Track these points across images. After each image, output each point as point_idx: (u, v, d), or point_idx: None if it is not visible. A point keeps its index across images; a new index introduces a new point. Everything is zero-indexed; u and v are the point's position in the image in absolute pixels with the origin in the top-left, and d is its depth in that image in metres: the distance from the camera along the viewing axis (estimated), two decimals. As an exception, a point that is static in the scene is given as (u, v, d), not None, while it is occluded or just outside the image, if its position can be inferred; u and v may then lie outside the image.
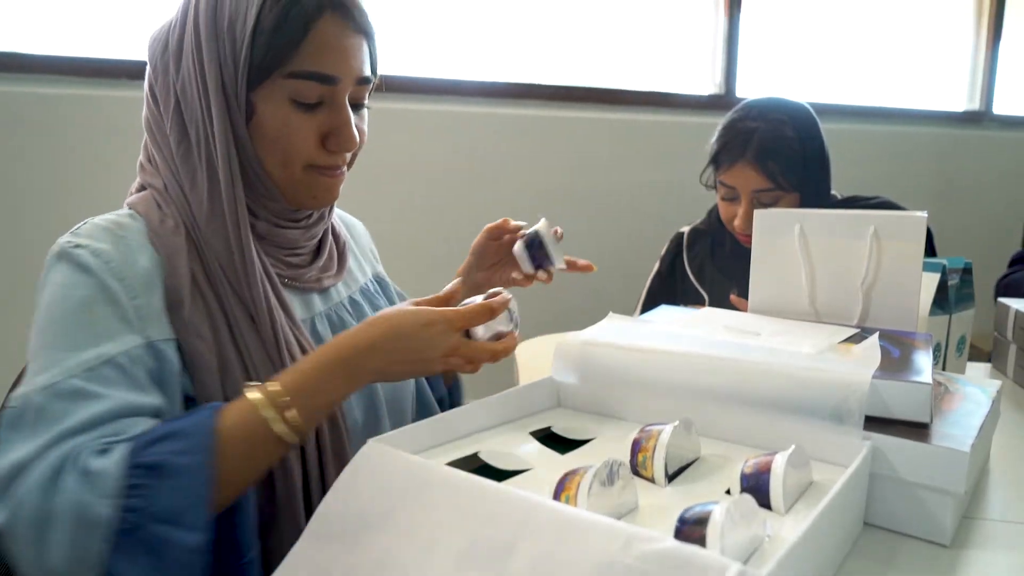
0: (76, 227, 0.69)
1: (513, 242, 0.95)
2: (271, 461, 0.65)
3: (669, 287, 1.48)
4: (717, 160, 1.30)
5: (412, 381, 0.91)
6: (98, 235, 0.68)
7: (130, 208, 0.73)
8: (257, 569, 0.64)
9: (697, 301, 1.39)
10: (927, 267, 0.99)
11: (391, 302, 0.95)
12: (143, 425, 0.60)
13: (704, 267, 1.43)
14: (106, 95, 1.87)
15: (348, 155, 0.77)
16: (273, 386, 0.62)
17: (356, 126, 0.74)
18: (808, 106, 1.31)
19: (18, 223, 1.84)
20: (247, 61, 0.68)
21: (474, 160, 2.31)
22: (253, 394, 0.61)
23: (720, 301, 1.32)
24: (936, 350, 0.99)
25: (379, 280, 0.97)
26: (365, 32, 0.73)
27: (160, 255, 0.69)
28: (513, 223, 0.98)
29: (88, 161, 1.86)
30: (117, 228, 0.69)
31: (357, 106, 0.76)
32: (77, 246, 0.66)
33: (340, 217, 0.96)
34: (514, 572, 0.44)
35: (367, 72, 0.74)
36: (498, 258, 0.98)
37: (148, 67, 0.73)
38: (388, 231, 1.02)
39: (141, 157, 0.76)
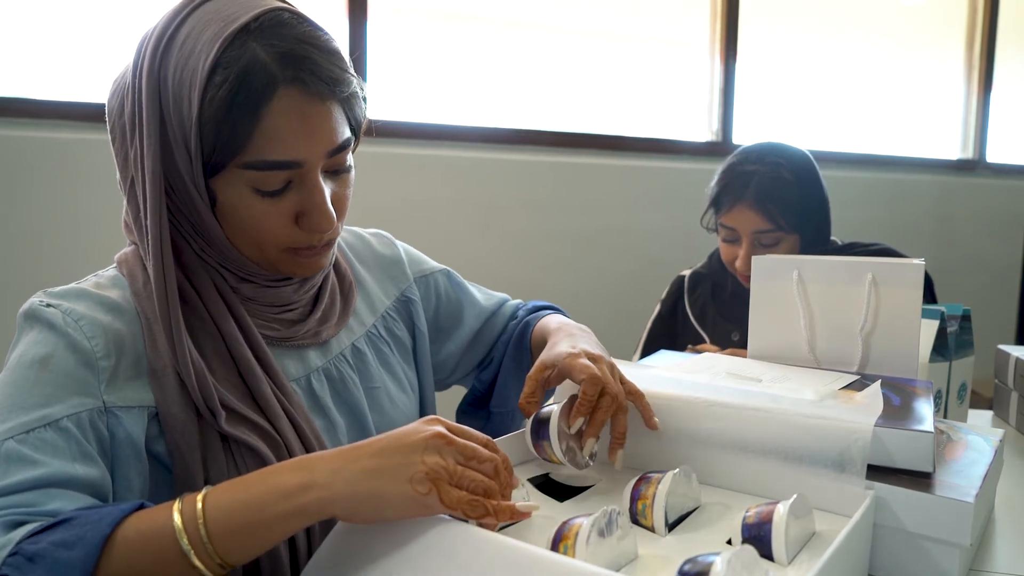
0: (54, 289, 0.66)
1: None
2: None
3: (670, 330, 1.49)
4: (718, 203, 1.32)
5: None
6: (73, 296, 0.64)
7: (117, 266, 0.69)
8: None
9: (695, 341, 1.40)
10: (926, 314, 0.99)
11: (414, 328, 0.87)
12: (70, 499, 0.55)
13: (706, 310, 1.44)
14: (77, 139, 1.86)
15: (329, 233, 0.68)
16: (199, 507, 0.52)
17: (335, 196, 0.67)
18: (806, 152, 1.34)
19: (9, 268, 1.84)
20: (199, 149, 0.61)
21: (477, 204, 2.33)
22: (176, 516, 0.52)
23: (722, 343, 1.34)
24: (937, 397, 0.99)
25: (402, 301, 0.87)
26: (333, 96, 0.64)
27: (141, 320, 0.64)
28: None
29: (58, 209, 1.86)
30: (97, 290, 0.65)
31: (338, 172, 0.68)
32: (48, 305, 0.62)
33: (353, 237, 0.88)
34: None
35: (341, 139, 0.65)
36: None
37: (107, 123, 0.67)
38: None
39: (123, 215, 0.70)
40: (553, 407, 0.67)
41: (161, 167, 0.63)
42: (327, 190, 0.66)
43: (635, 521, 0.59)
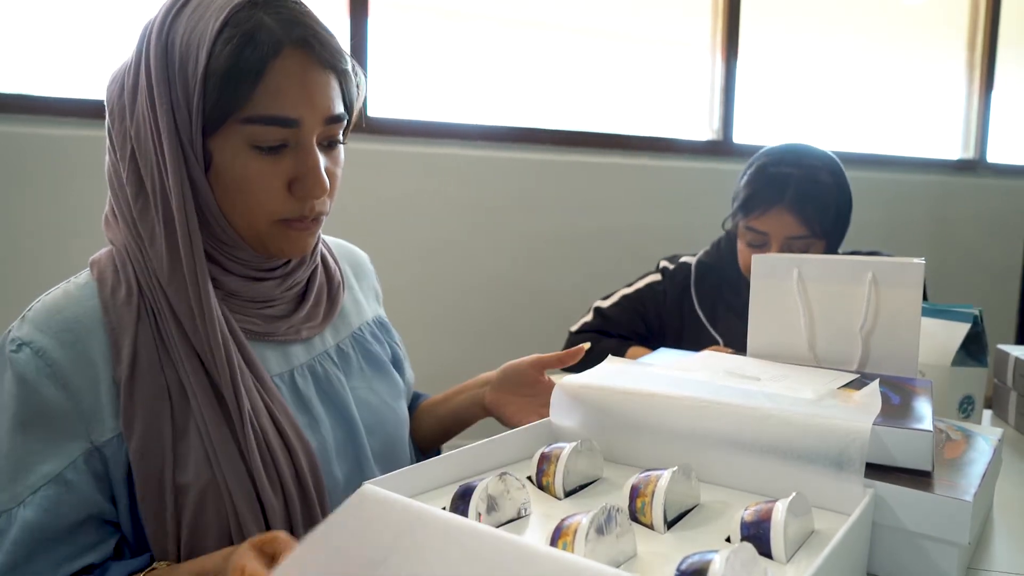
0: (27, 309, 0.66)
1: (548, 387, 0.84)
2: None
3: (671, 320, 1.41)
4: (748, 206, 1.26)
5: (406, 430, 0.86)
6: (45, 324, 0.64)
7: (91, 268, 0.69)
8: None
9: (709, 343, 1.34)
10: (958, 316, 0.98)
11: (391, 350, 0.89)
12: (85, 542, 0.62)
13: (716, 308, 1.38)
14: (78, 135, 1.86)
15: (319, 204, 0.69)
16: None
17: (327, 169, 0.68)
18: (832, 153, 1.31)
19: None
20: (200, 106, 0.63)
21: (476, 203, 2.33)
22: None
23: (735, 344, 1.28)
24: (967, 404, 0.97)
25: (381, 324, 0.89)
26: (333, 68, 0.67)
27: (108, 338, 0.65)
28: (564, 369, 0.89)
29: (58, 205, 1.86)
30: (68, 305, 0.65)
31: (331, 144, 0.70)
32: (20, 345, 0.63)
33: (345, 253, 0.89)
34: None
35: (337, 110, 0.68)
36: (531, 394, 0.85)
37: (106, 110, 0.68)
38: (388, 275, 0.99)
39: (106, 209, 0.71)
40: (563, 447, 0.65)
41: (172, 123, 0.64)
42: (321, 161, 0.68)
43: (634, 519, 0.59)
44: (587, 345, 0.89)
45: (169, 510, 0.63)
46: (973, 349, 0.96)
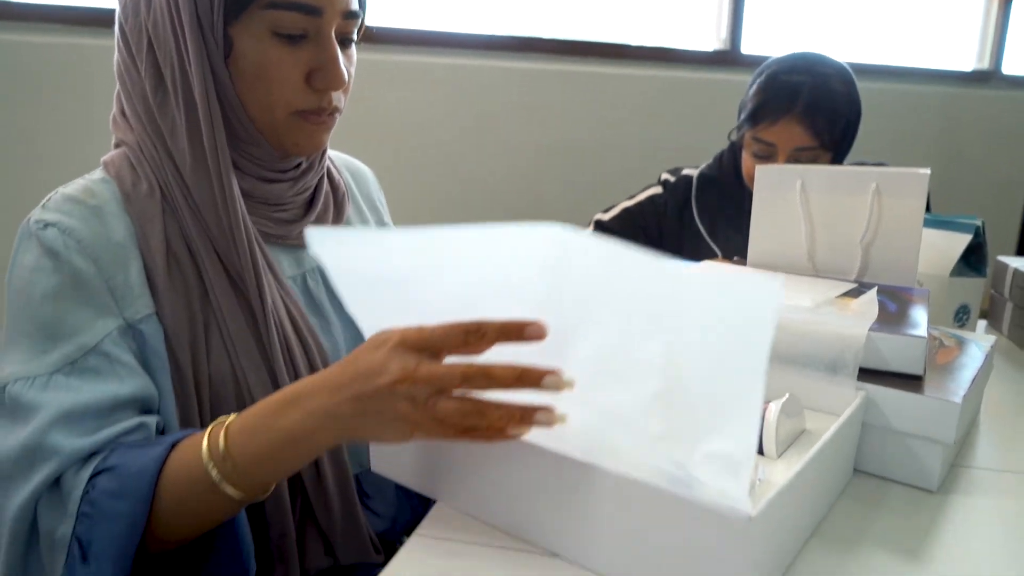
0: (46, 199, 0.65)
1: None
2: (229, 514, 0.58)
3: (672, 233, 1.41)
4: (756, 116, 1.23)
5: None
6: (68, 209, 0.63)
7: (104, 168, 0.69)
8: None
9: (708, 257, 1.35)
10: (960, 227, 0.98)
11: None
12: (127, 420, 0.59)
13: (716, 221, 1.38)
14: (85, 44, 1.84)
15: (335, 98, 0.69)
16: (222, 438, 0.55)
17: (343, 66, 0.69)
18: (845, 63, 1.27)
19: None
20: None
21: (474, 114, 2.29)
22: (203, 445, 0.55)
23: (732, 257, 1.28)
24: (963, 313, 0.98)
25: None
26: None
27: (135, 224, 0.65)
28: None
29: (65, 114, 1.85)
30: (89, 197, 0.65)
31: (345, 42, 0.70)
32: (46, 225, 0.62)
33: (346, 164, 0.90)
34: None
35: (354, 6, 0.68)
36: None
37: (118, 8, 0.67)
38: (387, 186, 0.99)
39: (114, 110, 0.70)
40: None
41: (194, 10, 0.63)
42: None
43: None
44: None
45: (200, 402, 0.65)
46: (973, 260, 0.97)
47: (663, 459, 0.46)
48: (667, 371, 0.45)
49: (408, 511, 0.80)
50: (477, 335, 0.49)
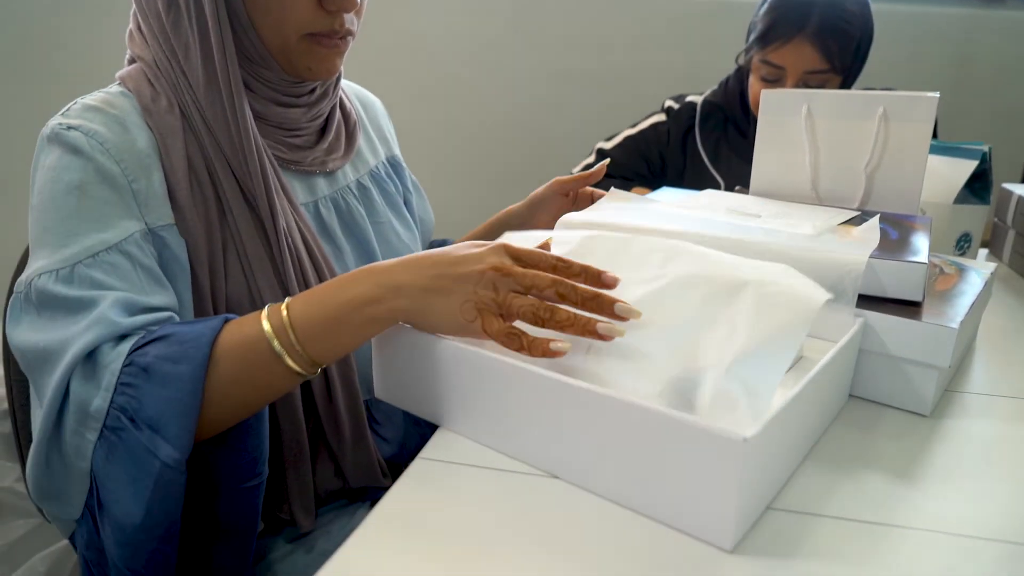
0: (66, 108, 0.65)
1: (584, 198, 0.88)
2: (281, 390, 0.58)
3: (673, 160, 1.40)
4: (766, 37, 1.20)
5: None
6: (90, 116, 0.63)
7: (121, 83, 0.68)
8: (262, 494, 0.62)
9: (710, 185, 1.33)
10: (966, 154, 0.96)
11: (404, 188, 0.90)
12: (150, 316, 0.58)
13: (719, 148, 1.36)
14: None
15: (348, 20, 0.68)
16: (284, 309, 0.55)
17: None
18: None
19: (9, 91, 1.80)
20: None
21: (482, 42, 2.22)
22: (265, 323, 0.55)
23: (735, 185, 1.26)
24: (964, 241, 0.98)
25: (393, 163, 0.90)
26: None
27: (155, 135, 0.64)
28: (588, 188, 0.90)
29: (81, 29, 1.80)
30: (109, 107, 0.64)
31: None
32: (69, 128, 0.61)
33: (356, 93, 0.89)
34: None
35: None
36: (560, 215, 0.83)
37: None
38: (398, 114, 0.97)
39: (131, 25, 0.70)
40: None
41: None
42: None
43: None
44: (608, 161, 0.91)
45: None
46: (977, 187, 0.96)
47: (676, 367, 0.50)
48: (708, 334, 0.51)
49: (416, 437, 0.81)
50: (564, 265, 0.54)
